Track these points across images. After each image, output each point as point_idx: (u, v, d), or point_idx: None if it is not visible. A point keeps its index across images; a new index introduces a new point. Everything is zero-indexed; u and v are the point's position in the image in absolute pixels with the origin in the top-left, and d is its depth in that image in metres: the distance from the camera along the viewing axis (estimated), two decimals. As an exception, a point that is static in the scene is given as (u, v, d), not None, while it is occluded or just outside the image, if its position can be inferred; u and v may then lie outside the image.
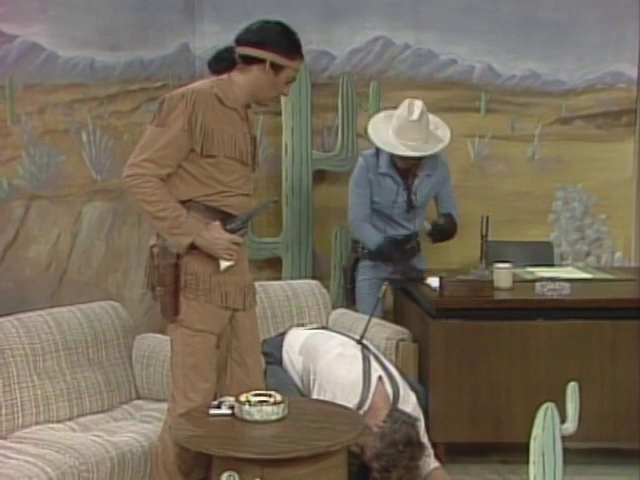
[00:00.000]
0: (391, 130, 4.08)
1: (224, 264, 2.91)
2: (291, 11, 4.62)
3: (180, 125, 2.83)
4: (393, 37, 4.83)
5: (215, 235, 2.87)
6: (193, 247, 2.88)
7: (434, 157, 4.18)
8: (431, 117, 4.14)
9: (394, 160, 4.13)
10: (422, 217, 4.29)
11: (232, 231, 2.90)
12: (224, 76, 2.95)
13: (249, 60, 2.91)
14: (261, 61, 2.90)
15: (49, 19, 3.78)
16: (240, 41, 2.94)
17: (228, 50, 2.96)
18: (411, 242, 4.24)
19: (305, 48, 4.63)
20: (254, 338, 3.14)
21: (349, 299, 4.41)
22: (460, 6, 4.83)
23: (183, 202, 2.89)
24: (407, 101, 4.09)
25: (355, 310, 4.26)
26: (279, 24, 2.98)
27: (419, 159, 4.11)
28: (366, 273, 4.28)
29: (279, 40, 2.93)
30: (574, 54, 4.89)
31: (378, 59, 4.85)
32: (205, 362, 2.96)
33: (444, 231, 4.17)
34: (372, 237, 4.17)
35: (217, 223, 2.89)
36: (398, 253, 4.14)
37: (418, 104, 4.05)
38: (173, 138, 2.83)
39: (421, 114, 4.03)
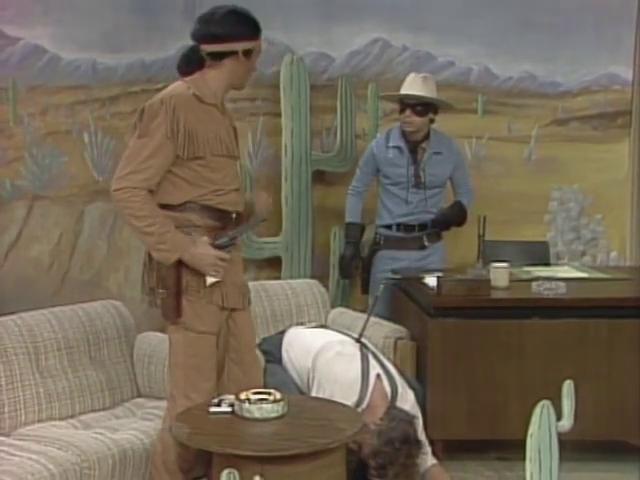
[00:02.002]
0: (401, 89, 4.33)
1: (210, 280, 2.90)
2: (291, 13, 4.66)
3: (163, 133, 2.81)
4: (391, 39, 4.86)
5: (202, 251, 2.86)
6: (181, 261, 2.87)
7: (442, 137, 4.38)
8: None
9: (404, 133, 4.30)
10: (437, 202, 4.36)
11: (220, 247, 2.89)
12: (196, 75, 2.94)
13: (219, 55, 2.91)
14: (232, 53, 2.90)
15: (52, 22, 3.81)
16: (203, 38, 2.93)
17: (194, 50, 2.95)
18: (414, 232, 4.33)
19: (304, 50, 4.76)
20: (251, 337, 3.16)
21: (362, 288, 4.47)
22: (458, 9, 4.86)
23: (178, 205, 2.89)
24: (412, 73, 4.36)
25: (364, 301, 4.35)
26: (231, 11, 2.94)
27: (425, 114, 4.24)
28: (383, 264, 4.35)
29: (242, 28, 2.92)
30: (570, 56, 4.92)
31: (377, 61, 4.88)
32: (207, 363, 2.98)
33: (447, 221, 4.34)
34: (351, 212, 4.46)
35: (205, 239, 2.88)
36: (355, 246, 4.42)
37: (424, 74, 4.34)
38: (157, 147, 2.82)
39: (426, 76, 4.31)
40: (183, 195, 2.90)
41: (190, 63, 2.95)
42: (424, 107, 4.23)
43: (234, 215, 3.00)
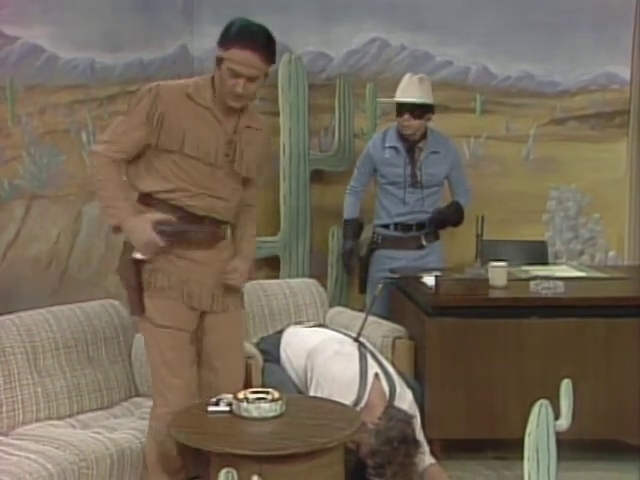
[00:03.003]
0: (397, 92, 4.32)
1: (136, 255, 2.89)
2: (289, 13, 4.67)
3: (140, 118, 2.84)
4: (389, 39, 4.87)
5: (139, 227, 2.84)
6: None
7: (440, 136, 4.38)
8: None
9: (400, 134, 4.30)
10: (435, 201, 4.36)
11: (161, 232, 2.86)
12: (206, 76, 2.94)
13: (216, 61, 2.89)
14: (218, 60, 2.86)
15: (50, 21, 3.81)
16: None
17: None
18: (411, 231, 4.34)
19: (302, 49, 4.76)
20: (227, 342, 3.07)
21: (360, 288, 4.47)
22: (456, 8, 4.87)
23: (146, 195, 2.91)
24: (408, 73, 4.35)
25: (362, 300, 4.35)
26: (237, 20, 2.89)
27: (421, 117, 4.23)
28: (381, 264, 4.35)
29: (222, 34, 2.87)
30: (568, 56, 4.93)
31: (375, 60, 4.89)
32: (174, 358, 2.93)
33: (443, 219, 4.34)
34: (349, 209, 4.46)
35: (150, 217, 2.85)
36: (354, 240, 4.45)
37: (420, 74, 4.33)
38: (131, 128, 2.87)
39: (422, 78, 4.29)
40: (151, 184, 2.90)
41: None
42: (421, 110, 4.23)
43: (206, 220, 2.94)
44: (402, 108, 4.25)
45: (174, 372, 2.94)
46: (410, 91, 4.25)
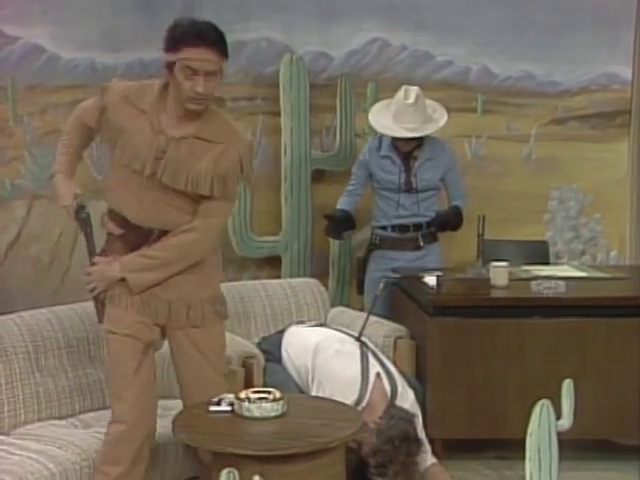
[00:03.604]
0: (390, 115, 4.24)
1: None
2: (289, 12, 4.66)
3: (94, 105, 2.86)
4: (390, 38, 4.86)
5: (63, 185, 2.92)
6: None
7: (436, 142, 4.35)
8: (428, 101, 4.32)
9: (395, 143, 4.27)
10: (431, 205, 4.35)
11: (76, 206, 2.90)
12: (158, 81, 2.81)
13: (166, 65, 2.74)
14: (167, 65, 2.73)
15: (51, 21, 3.82)
16: None
17: None
18: (409, 232, 4.32)
19: (303, 49, 4.76)
20: (198, 356, 2.93)
21: (358, 289, 4.47)
22: (456, 8, 4.86)
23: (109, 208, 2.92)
24: (403, 87, 4.29)
25: (362, 301, 4.35)
26: (181, 20, 2.77)
27: (418, 140, 4.24)
28: (379, 264, 4.35)
29: (168, 37, 2.73)
30: (569, 55, 4.92)
31: (375, 60, 4.88)
32: (122, 367, 2.86)
33: (445, 222, 4.32)
34: (341, 203, 4.40)
35: (74, 186, 2.92)
36: (342, 225, 4.38)
37: (414, 89, 4.25)
38: (88, 110, 2.90)
39: (417, 98, 4.22)
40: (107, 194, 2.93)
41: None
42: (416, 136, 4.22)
43: (155, 232, 2.82)
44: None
45: (119, 382, 2.87)
46: (404, 118, 4.19)
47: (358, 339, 3.55)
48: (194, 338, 2.93)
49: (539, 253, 4.79)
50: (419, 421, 3.37)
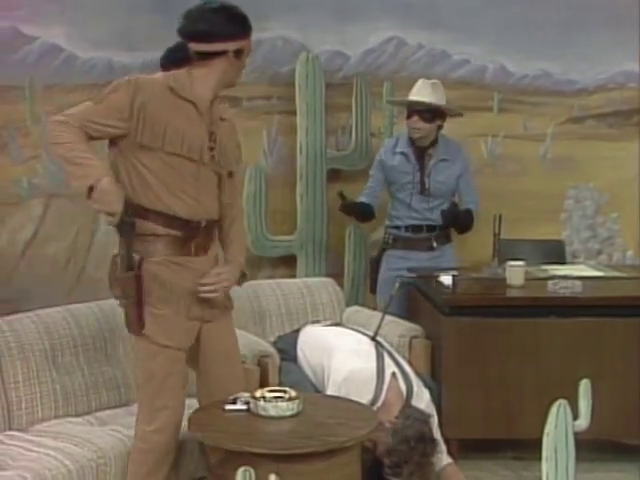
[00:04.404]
0: (410, 95, 4.31)
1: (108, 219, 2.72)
2: (305, 11, 4.66)
3: (113, 109, 2.67)
4: (406, 37, 4.85)
5: (113, 190, 2.63)
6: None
7: (451, 143, 4.36)
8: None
9: (412, 140, 4.28)
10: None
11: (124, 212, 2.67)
12: (182, 70, 2.77)
13: (208, 55, 2.75)
14: (222, 53, 2.75)
15: (68, 21, 3.84)
16: (191, 36, 2.77)
17: (181, 48, 2.79)
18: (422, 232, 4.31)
19: (319, 49, 4.77)
20: (225, 350, 2.96)
21: (371, 288, 4.47)
22: (473, 6, 4.85)
23: (142, 208, 2.74)
24: (421, 79, 4.34)
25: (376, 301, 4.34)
26: (221, 7, 2.77)
27: (432, 121, 4.22)
28: (391, 263, 4.34)
29: (233, 27, 2.76)
30: (586, 54, 4.90)
31: (392, 59, 4.87)
32: (170, 381, 2.83)
33: (454, 216, 4.27)
34: (360, 199, 4.37)
35: (121, 191, 2.67)
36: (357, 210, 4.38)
37: (432, 80, 4.33)
38: (99, 117, 2.67)
39: (435, 83, 4.30)
40: (145, 195, 2.74)
41: (175, 60, 2.79)
42: (431, 113, 4.21)
43: (203, 224, 2.82)
44: (412, 110, 4.24)
45: (167, 393, 2.83)
46: (421, 94, 4.25)
47: (374, 339, 3.55)
48: (221, 328, 2.95)
49: (555, 252, 4.77)
50: (434, 421, 3.36)
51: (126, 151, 2.75)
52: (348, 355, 3.43)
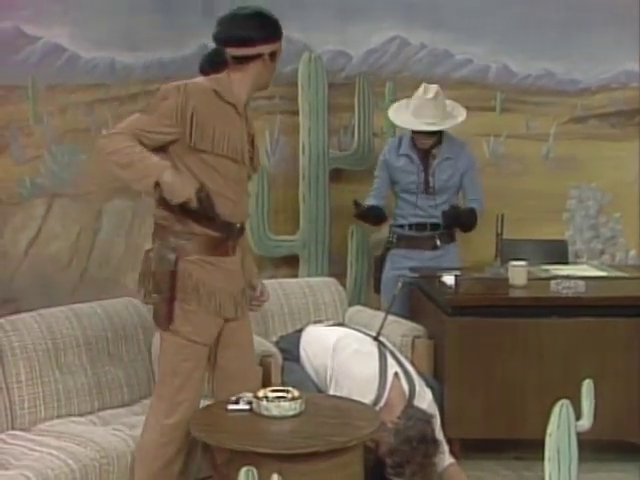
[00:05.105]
0: (410, 111, 4.25)
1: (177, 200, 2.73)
2: (308, 11, 4.67)
3: (165, 117, 2.75)
4: (409, 37, 4.85)
5: (178, 179, 2.71)
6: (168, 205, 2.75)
7: (454, 141, 4.34)
8: (447, 101, 4.31)
9: (415, 142, 4.27)
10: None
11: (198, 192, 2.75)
12: (221, 74, 2.88)
13: (245, 59, 2.86)
14: (258, 56, 2.87)
15: (70, 21, 3.85)
16: (227, 41, 2.88)
17: (218, 53, 2.89)
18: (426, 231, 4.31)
19: (322, 48, 4.77)
20: (244, 347, 3.05)
21: (375, 287, 4.47)
22: (475, 6, 4.84)
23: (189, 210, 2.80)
24: (423, 84, 4.29)
25: (380, 300, 4.34)
26: (255, 13, 2.91)
27: (437, 137, 4.23)
28: (395, 262, 4.35)
29: (267, 31, 2.90)
30: (589, 53, 4.89)
31: (394, 59, 4.87)
32: (194, 374, 2.91)
33: (456, 216, 4.27)
34: (368, 201, 4.33)
35: (188, 175, 2.76)
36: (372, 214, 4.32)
37: (433, 86, 4.26)
38: (151, 125, 2.75)
39: (436, 94, 4.23)
40: None
41: (213, 65, 2.90)
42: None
43: (238, 226, 2.93)
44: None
45: (190, 387, 2.90)
46: (424, 113, 4.19)
47: (376, 339, 3.55)
48: (243, 326, 3.03)
49: (558, 252, 4.77)
50: (437, 421, 3.37)
51: (174, 155, 2.82)
52: (350, 355, 3.43)
